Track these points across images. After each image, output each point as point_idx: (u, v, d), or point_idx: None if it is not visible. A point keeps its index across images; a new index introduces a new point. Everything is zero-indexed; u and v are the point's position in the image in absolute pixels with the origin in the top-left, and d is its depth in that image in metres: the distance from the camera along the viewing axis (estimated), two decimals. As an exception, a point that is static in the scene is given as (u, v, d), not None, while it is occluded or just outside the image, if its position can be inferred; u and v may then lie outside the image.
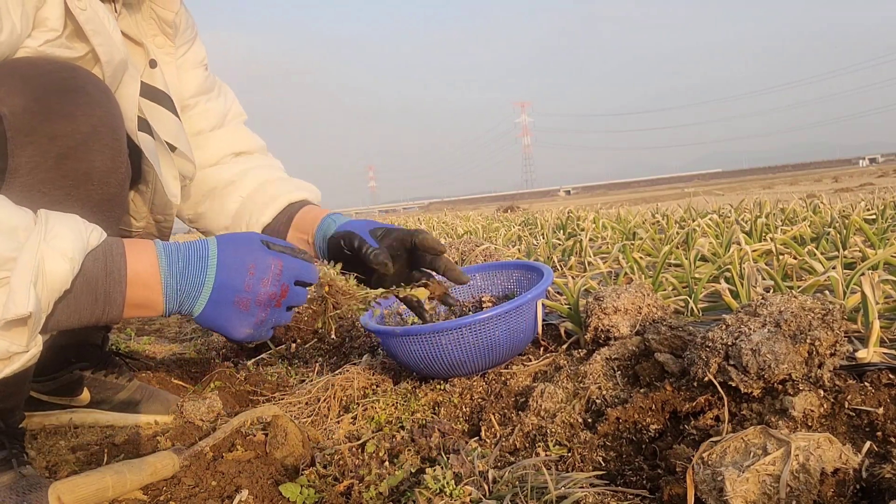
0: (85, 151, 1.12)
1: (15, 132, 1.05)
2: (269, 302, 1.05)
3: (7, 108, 1.04)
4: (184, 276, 1.01)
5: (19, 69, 1.09)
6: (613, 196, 27.11)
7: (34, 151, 1.06)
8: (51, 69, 1.12)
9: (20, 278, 0.87)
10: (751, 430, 0.96)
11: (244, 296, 1.03)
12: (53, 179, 1.09)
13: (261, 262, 1.05)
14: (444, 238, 4.71)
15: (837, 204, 4.05)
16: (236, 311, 1.03)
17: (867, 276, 1.33)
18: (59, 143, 1.08)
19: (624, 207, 7.14)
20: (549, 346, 1.77)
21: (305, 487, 1.22)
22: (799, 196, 5.57)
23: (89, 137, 1.12)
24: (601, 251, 3.14)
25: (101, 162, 1.15)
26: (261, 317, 1.05)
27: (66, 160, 1.09)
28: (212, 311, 1.02)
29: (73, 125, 1.10)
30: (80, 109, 1.11)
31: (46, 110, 1.07)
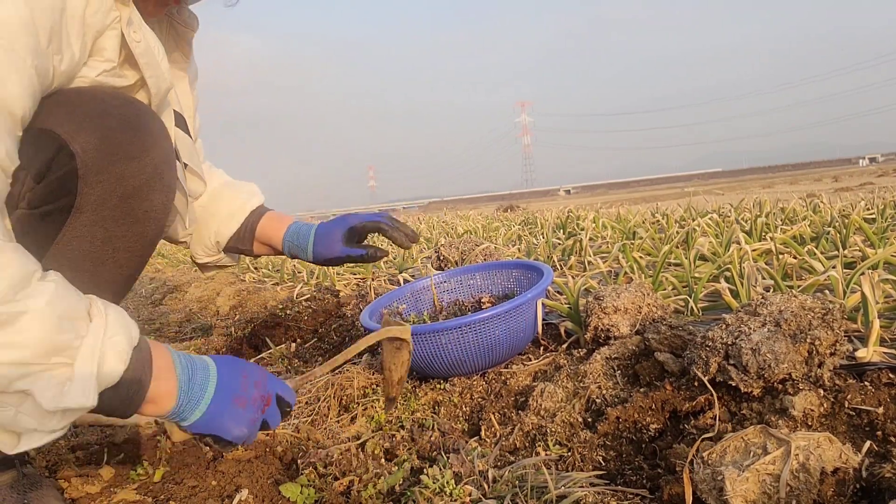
0: (148, 191, 1.16)
1: (86, 171, 1.08)
2: (259, 405, 1.12)
3: (79, 146, 1.07)
4: (193, 380, 1.06)
5: (86, 104, 1.11)
6: (613, 195, 27.10)
7: (102, 190, 1.09)
8: (117, 105, 1.14)
9: (83, 370, 0.90)
10: (751, 430, 0.97)
11: (241, 394, 1.09)
12: (116, 217, 1.13)
13: (251, 369, 1.14)
14: (443, 237, 4.72)
15: (837, 203, 4.05)
16: (235, 410, 1.08)
17: (867, 276, 1.33)
18: (125, 184, 1.12)
19: (624, 207, 7.14)
20: (549, 346, 1.77)
21: (305, 487, 1.22)
22: (799, 195, 5.57)
23: (152, 177, 1.16)
24: (601, 251, 3.14)
25: (158, 200, 1.20)
26: (254, 417, 1.10)
27: (130, 199, 1.14)
28: (213, 410, 1.06)
29: (139, 165, 1.14)
30: (146, 149, 1.15)
31: (116, 150, 1.10)
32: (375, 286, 2.84)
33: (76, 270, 1.11)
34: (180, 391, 1.04)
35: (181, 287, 4.65)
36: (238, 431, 1.08)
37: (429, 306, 2.03)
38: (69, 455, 1.47)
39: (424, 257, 3.71)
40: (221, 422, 1.07)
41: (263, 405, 1.13)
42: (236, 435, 1.08)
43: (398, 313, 1.97)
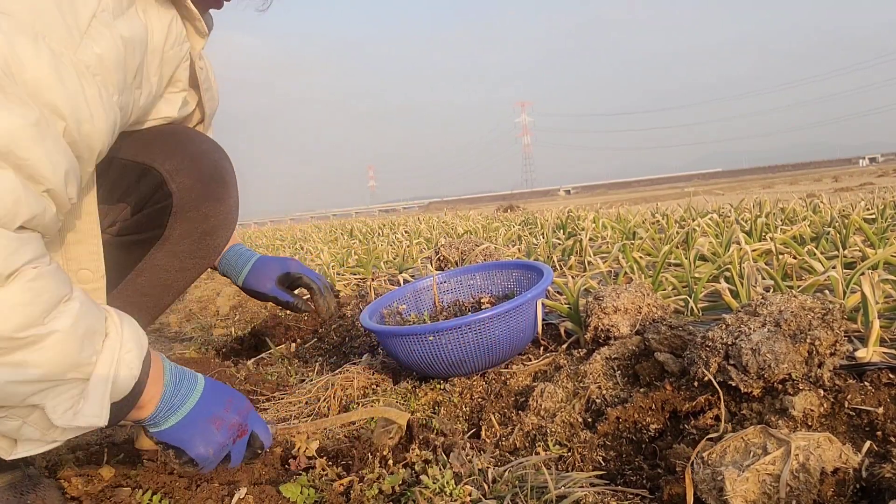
0: (222, 230, 1.28)
1: (179, 208, 1.19)
2: (234, 432, 1.12)
3: (176, 185, 1.18)
4: (177, 388, 1.06)
5: (183, 145, 1.22)
6: (613, 196, 27.12)
7: (188, 226, 1.20)
8: (206, 150, 1.26)
9: (97, 390, 0.91)
10: (751, 430, 0.97)
11: (220, 416, 1.09)
12: (194, 251, 1.24)
13: (238, 399, 1.15)
14: (443, 237, 4.71)
15: (837, 203, 4.05)
16: (208, 429, 1.08)
17: (867, 276, 1.33)
18: (208, 223, 1.24)
19: (624, 207, 7.14)
20: (549, 346, 1.77)
21: (305, 487, 1.22)
22: (799, 196, 5.57)
23: (226, 218, 1.28)
24: (601, 251, 3.14)
25: (225, 237, 1.31)
26: (224, 441, 1.10)
27: (208, 237, 1.25)
28: (187, 422, 1.06)
29: (221, 207, 1.25)
30: (227, 193, 1.27)
31: (206, 192, 1.22)
32: (375, 286, 2.84)
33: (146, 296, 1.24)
34: (163, 398, 1.04)
35: (181, 287, 4.64)
36: (203, 450, 1.07)
37: (429, 306, 2.03)
38: (69, 455, 1.47)
39: (424, 257, 3.71)
40: (191, 436, 1.06)
41: (237, 435, 1.12)
42: (200, 453, 1.07)
43: (398, 313, 1.97)
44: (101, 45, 0.90)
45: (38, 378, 0.85)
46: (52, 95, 0.82)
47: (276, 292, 1.58)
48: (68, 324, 0.86)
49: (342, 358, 2.18)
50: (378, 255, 4.07)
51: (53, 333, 0.84)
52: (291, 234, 10.05)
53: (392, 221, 9.33)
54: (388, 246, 4.92)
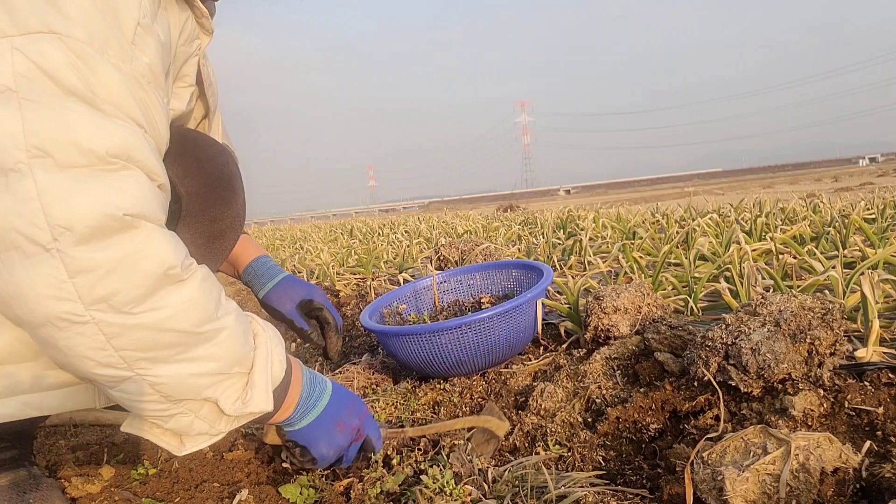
0: (230, 233, 1.28)
1: (187, 213, 1.18)
2: (353, 435, 1.18)
3: (185, 189, 1.17)
4: (311, 392, 1.14)
5: (190, 149, 1.21)
6: (613, 195, 27.12)
7: (196, 230, 1.20)
8: (214, 154, 1.26)
9: (261, 379, 0.98)
10: (751, 430, 0.97)
11: (344, 420, 1.16)
12: (202, 255, 1.20)
13: (359, 404, 1.22)
14: (443, 237, 4.71)
15: (837, 203, 4.05)
16: (334, 431, 1.15)
17: (867, 276, 1.33)
18: (216, 226, 1.24)
19: (624, 207, 7.14)
20: (548, 346, 1.77)
21: (305, 487, 1.22)
22: (799, 195, 5.57)
23: (234, 221, 1.28)
24: (601, 250, 3.14)
25: (232, 240, 1.31)
26: (344, 443, 1.17)
27: (216, 240, 1.25)
28: (317, 424, 1.13)
29: (228, 211, 1.26)
30: (234, 197, 1.28)
31: (214, 196, 1.22)
32: (375, 286, 2.84)
33: None
34: (301, 399, 1.11)
35: (181, 287, 4.64)
36: (326, 451, 1.14)
37: (429, 306, 2.03)
38: (69, 455, 1.47)
39: (424, 257, 3.71)
40: (319, 437, 1.14)
41: (354, 438, 1.19)
42: (324, 454, 1.14)
43: (398, 313, 1.97)
44: (149, 55, 0.91)
45: (214, 371, 0.92)
46: (130, 111, 0.85)
47: (293, 315, 1.56)
48: (233, 320, 0.94)
49: (342, 358, 2.18)
50: (378, 255, 4.07)
51: (224, 329, 0.92)
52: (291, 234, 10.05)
53: (392, 221, 9.33)
54: (388, 246, 4.92)
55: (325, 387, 1.17)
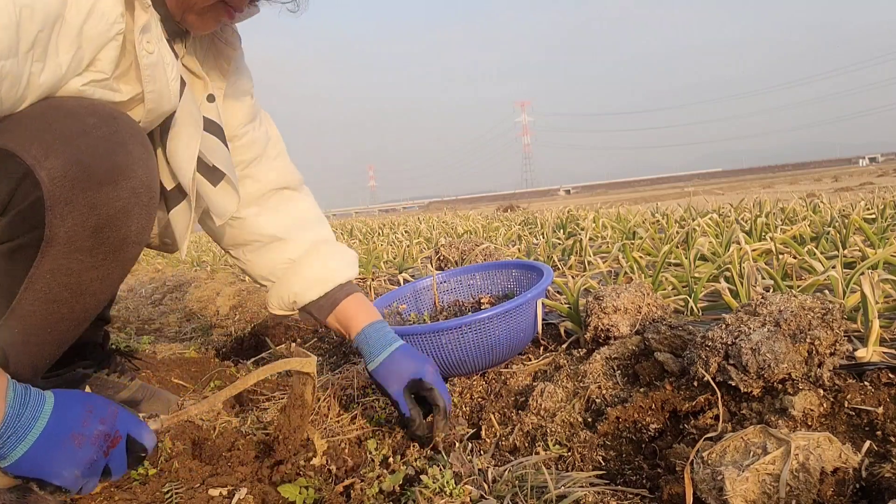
0: (124, 218, 1.07)
1: (54, 202, 0.98)
2: (101, 444, 0.98)
3: (46, 173, 0.97)
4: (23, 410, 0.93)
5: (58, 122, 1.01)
6: (613, 195, 27.12)
7: (73, 222, 1.01)
8: (93, 123, 1.04)
9: None
10: (750, 430, 0.97)
11: (81, 431, 0.96)
12: (90, 248, 1.04)
13: (98, 404, 1.01)
14: (443, 237, 4.72)
15: (837, 203, 4.05)
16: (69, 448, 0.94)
17: (867, 276, 1.33)
18: (98, 213, 1.03)
19: (624, 207, 7.14)
20: (548, 346, 1.77)
21: (305, 487, 1.22)
22: (799, 195, 5.57)
23: (129, 203, 1.07)
24: (601, 250, 3.14)
25: (137, 224, 1.11)
26: (93, 458, 0.97)
27: (105, 229, 1.05)
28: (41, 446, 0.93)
29: (114, 192, 1.04)
30: (122, 173, 1.05)
31: (88, 177, 1.01)
32: (375, 286, 2.84)
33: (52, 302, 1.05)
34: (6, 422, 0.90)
35: (181, 287, 4.65)
36: (68, 474, 0.94)
37: (429, 306, 2.03)
38: (69, 455, 1.47)
39: (424, 257, 3.71)
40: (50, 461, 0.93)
41: (108, 445, 0.99)
42: (66, 478, 0.94)
43: (398, 313, 1.97)
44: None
45: None
46: None
47: (399, 398, 1.36)
48: None
49: (342, 358, 2.18)
50: (378, 255, 4.07)
51: None
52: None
53: (392, 221, 9.33)
54: (388, 246, 4.92)
55: (42, 402, 0.95)
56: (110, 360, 1.73)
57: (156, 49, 1.13)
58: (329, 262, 1.53)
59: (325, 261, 1.53)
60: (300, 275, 1.52)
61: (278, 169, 1.59)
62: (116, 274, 1.14)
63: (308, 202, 1.63)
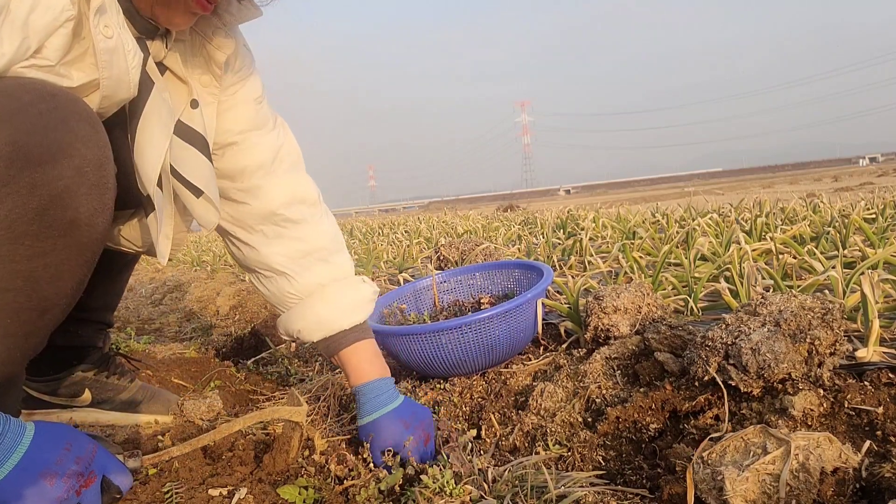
0: (69, 198, 1.01)
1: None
2: (74, 484, 0.96)
3: None
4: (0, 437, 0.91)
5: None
6: (613, 195, 27.11)
7: (13, 204, 0.95)
8: (28, 101, 0.99)
9: None
10: (750, 430, 0.97)
11: (54, 469, 0.94)
12: (37, 231, 0.99)
13: (79, 441, 0.99)
14: (443, 237, 4.71)
15: (837, 203, 4.05)
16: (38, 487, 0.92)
17: (867, 276, 1.33)
18: (39, 193, 0.97)
19: (624, 207, 7.14)
20: (548, 346, 1.77)
21: (304, 488, 1.22)
22: (799, 195, 5.57)
23: (73, 181, 1.01)
24: (601, 250, 3.14)
25: (87, 205, 1.04)
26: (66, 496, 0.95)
27: (49, 211, 0.99)
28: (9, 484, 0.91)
29: (55, 171, 0.98)
30: (63, 150, 1.00)
31: (25, 156, 0.95)
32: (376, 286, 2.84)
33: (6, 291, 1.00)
34: None
35: (181, 287, 4.65)
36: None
37: (429, 306, 2.03)
38: (69, 455, 1.47)
39: (424, 257, 3.71)
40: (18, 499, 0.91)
41: (80, 486, 0.97)
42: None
43: (398, 313, 1.97)
44: None
45: None
46: None
47: (374, 454, 1.35)
48: None
49: (342, 358, 2.18)
50: (378, 255, 4.07)
51: None
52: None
53: (392, 221, 9.33)
54: (388, 245, 4.92)
55: (20, 434, 0.93)
56: (110, 362, 1.73)
57: (115, 34, 1.08)
58: (335, 307, 1.48)
59: (331, 305, 1.48)
60: (305, 315, 1.49)
61: (290, 184, 1.52)
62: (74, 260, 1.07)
63: (321, 226, 1.56)
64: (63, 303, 1.13)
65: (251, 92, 1.48)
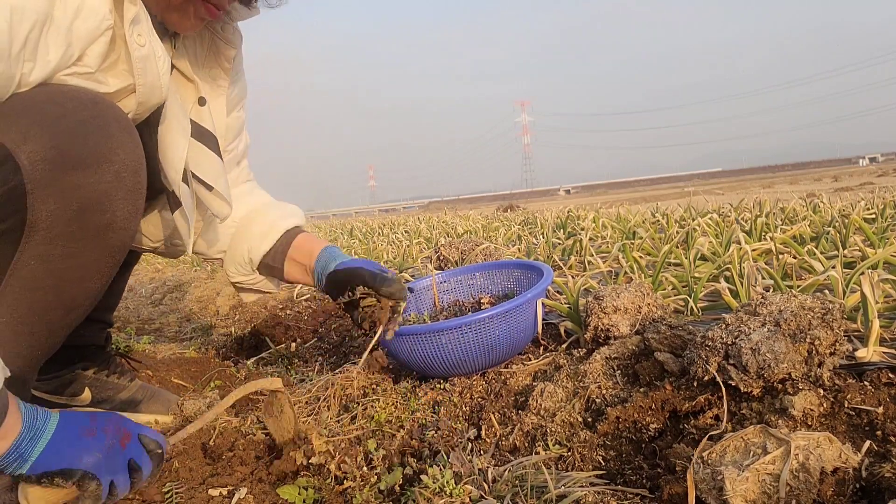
0: (108, 202, 1.06)
1: (34, 185, 0.98)
2: (113, 435, 0.98)
3: (26, 156, 0.97)
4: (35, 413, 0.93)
5: (37, 107, 1.01)
6: (613, 195, 27.11)
7: (55, 206, 1.00)
8: (73, 108, 1.04)
9: None
10: (750, 430, 0.97)
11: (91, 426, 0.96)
12: (75, 233, 1.03)
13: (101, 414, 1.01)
14: (443, 237, 4.71)
15: (837, 203, 4.05)
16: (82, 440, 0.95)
17: (867, 276, 1.33)
18: (80, 196, 1.02)
19: (624, 206, 7.14)
20: (548, 346, 1.77)
21: (304, 488, 1.22)
22: (799, 195, 5.57)
23: (112, 186, 1.06)
24: (601, 250, 3.14)
25: (122, 210, 1.10)
26: (109, 444, 0.97)
27: (87, 213, 1.04)
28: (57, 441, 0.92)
29: (95, 175, 1.03)
30: (104, 156, 1.05)
31: (68, 159, 1.00)
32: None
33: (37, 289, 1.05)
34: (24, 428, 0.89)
35: (181, 287, 4.65)
36: (90, 458, 0.94)
37: (429, 306, 2.03)
38: (69, 455, 1.47)
39: (424, 257, 3.71)
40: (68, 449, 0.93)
41: (118, 437, 0.99)
42: (89, 462, 0.94)
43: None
44: None
45: None
46: None
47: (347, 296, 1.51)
48: None
49: (342, 358, 2.18)
50: (378, 255, 4.07)
51: None
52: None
53: (392, 221, 9.33)
54: (388, 245, 4.92)
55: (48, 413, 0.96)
56: (110, 362, 1.74)
57: (147, 42, 1.13)
58: (272, 213, 1.63)
59: (267, 216, 1.62)
60: (248, 233, 1.61)
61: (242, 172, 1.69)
62: (104, 262, 1.12)
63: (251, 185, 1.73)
64: (87, 304, 1.16)
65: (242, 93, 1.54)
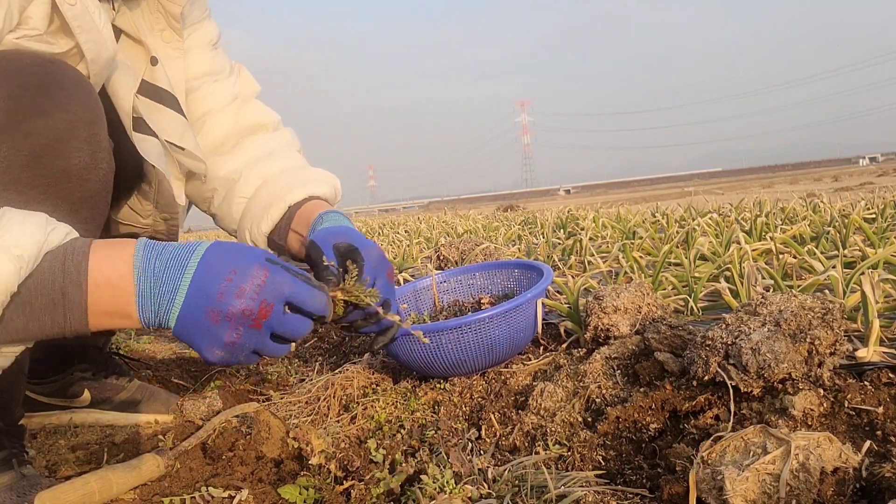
0: (61, 149, 1.07)
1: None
2: (243, 319, 0.88)
3: None
4: (159, 279, 0.87)
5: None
6: (613, 195, 27.12)
7: (8, 151, 1.01)
8: (27, 63, 1.07)
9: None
10: (750, 429, 0.97)
11: (214, 307, 0.87)
12: (29, 179, 1.04)
13: (244, 268, 0.89)
14: (443, 237, 4.71)
15: (837, 203, 4.05)
16: (206, 326, 0.88)
17: (867, 276, 1.33)
18: (33, 141, 1.04)
19: (624, 206, 7.14)
20: (548, 346, 1.77)
21: (305, 488, 1.22)
22: (799, 195, 5.57)
23: (65, 134, 1.07)
24: (601, 250, 3.14)
25: (78, 159, 1.10)
26: (232, 336, 0.89)
27: (41, 158, 1.05)
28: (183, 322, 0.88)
29: (47, 122, 1.05)
30: (56, 106, 1.06)
31: (20, 108, 1.03)
32: (375, 286, 2.83)
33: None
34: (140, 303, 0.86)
35: (181, 287, 4.65)
36: (211, 355, 0.89)
37: (429, 306, 2.03)
38: (69, 455, 1.48)
39: (424, 257, 3.71)
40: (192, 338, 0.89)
41: (251, 320, 0.88)
42: (208, 359, 0.89)
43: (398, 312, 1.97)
44: None
45: None
46: None
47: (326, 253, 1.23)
48: None
49: (342, 357, 2.18)
50: (378, 255, 4.06)
51: None
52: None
53: (392, 221, 9.33)
54: (388, 245, 4.92)
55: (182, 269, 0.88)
56: (110, 363, 1.74)
57: (77, 1, 1.13)
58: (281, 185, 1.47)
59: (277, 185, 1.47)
60: (253, 210, 1.49)
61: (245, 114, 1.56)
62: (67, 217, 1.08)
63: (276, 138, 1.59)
64: None
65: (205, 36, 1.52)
